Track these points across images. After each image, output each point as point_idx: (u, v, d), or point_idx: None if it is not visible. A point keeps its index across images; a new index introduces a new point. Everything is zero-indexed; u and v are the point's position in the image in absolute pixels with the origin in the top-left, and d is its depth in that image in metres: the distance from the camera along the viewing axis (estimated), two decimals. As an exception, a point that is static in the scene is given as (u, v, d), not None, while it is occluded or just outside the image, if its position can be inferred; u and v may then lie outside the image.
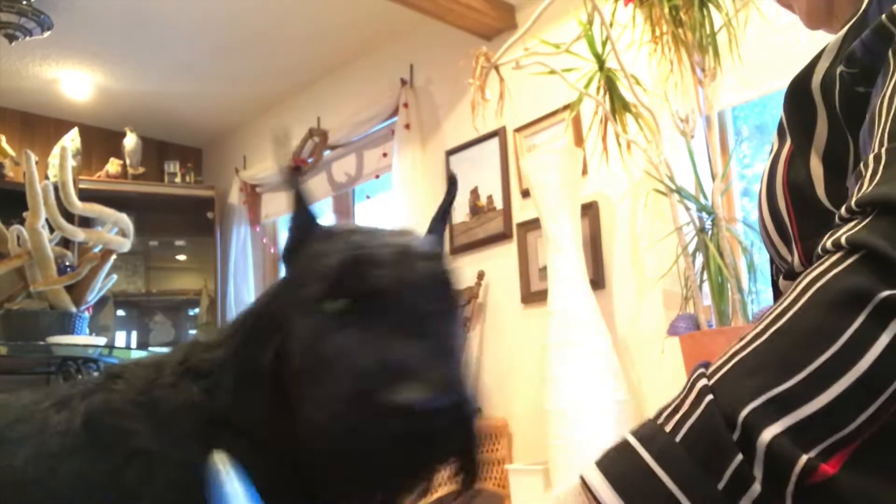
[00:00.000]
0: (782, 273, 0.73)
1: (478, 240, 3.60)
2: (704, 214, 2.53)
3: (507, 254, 3.48)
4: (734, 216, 2.85)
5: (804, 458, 0.42)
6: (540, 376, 2.83)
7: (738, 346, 0.47)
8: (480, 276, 3.48)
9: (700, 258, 2.52)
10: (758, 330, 0.47)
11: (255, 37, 4.04)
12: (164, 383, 0.65)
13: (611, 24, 2.58)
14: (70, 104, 4.73)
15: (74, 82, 4.47)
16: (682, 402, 0.47)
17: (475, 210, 3.65)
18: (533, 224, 3.27)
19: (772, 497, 0.43)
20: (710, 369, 0.47)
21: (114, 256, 2.68)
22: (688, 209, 2.59)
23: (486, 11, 3.47)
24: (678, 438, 0.44)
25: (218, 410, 0.64)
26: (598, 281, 3.05)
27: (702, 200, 2.56)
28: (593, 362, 2.67)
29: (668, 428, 0.46)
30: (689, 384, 0.48)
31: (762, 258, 2.41)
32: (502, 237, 3.50)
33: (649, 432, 0.47)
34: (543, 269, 3.20)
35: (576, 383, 2.64)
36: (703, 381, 0.46)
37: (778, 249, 0.71)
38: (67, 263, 2.65)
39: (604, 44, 2.70)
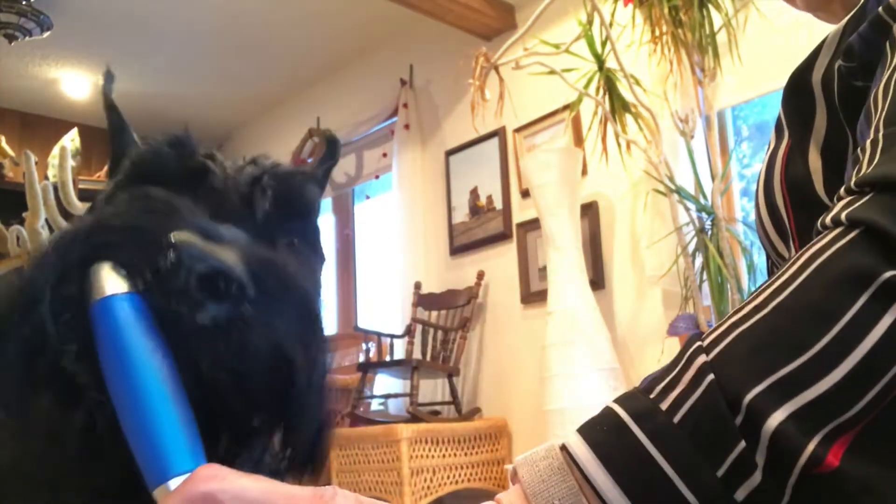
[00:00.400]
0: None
1: (478, 240, 3.60)
2: (704, 214, 2.53)
3: (506, 254, 3.48)
4: (734, 216, 2.85)
5: (810, 447, 0.41)
6: (540, 376, 2.82)
7: (735, 318, 0.46)
8: (480, 276, 3.48)
9: (700, 258, 2.52)
10: (756, 303, 0.46)
11: (254, 37, 4.04)
12: None
13: (610, 25, 2.58)
14: (70, 104, 4.73)
15: (74, 82, 4.47)
16: (679, 377, 0.45)
17: (475, 210, 3.64)
18: (533, 224, 3.27)
19: (772, 486, 0.41)
20: (707, 341, 0.45)
21: (113, 256, 2.67)
22: (687, 209, 2.59)
23: (486, 11, 3.47)
24: (676, 419, 0.42)
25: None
26: (597, 281, 3.05)
27: (701, 200, 2.56)
28: (593, 362, 2.67)
29: (664, 406, 0.44)
30: (685, 357, 0.45)
31: (762, 258, 2.41)
32: (502, 237, 3.50)
33: (643, 409, 0.44)
34: (543, 269, 3.20)
35: (575, 383, 2.64)
36: (703, 357, 0.44)
37: (775, 246, 0.70)
38: (67, 263, 2.64)
39: (603, 44, 2.70)
